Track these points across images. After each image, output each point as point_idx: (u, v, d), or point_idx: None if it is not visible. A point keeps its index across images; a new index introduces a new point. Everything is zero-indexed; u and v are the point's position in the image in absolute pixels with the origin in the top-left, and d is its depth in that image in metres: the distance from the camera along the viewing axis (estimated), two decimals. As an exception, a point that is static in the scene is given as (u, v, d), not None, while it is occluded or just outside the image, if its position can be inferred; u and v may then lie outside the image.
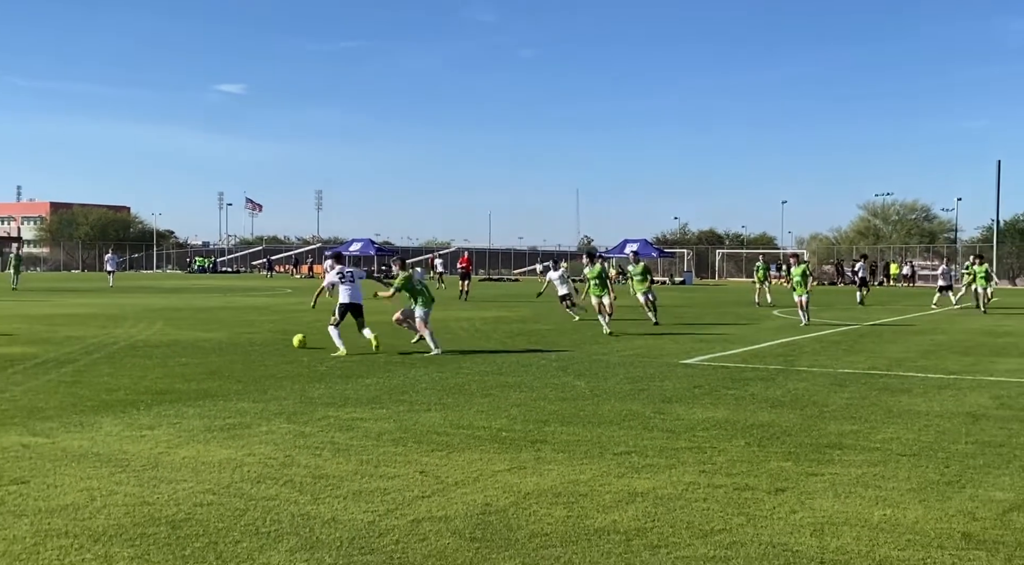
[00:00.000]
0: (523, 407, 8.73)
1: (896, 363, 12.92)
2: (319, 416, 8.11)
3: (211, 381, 10.36)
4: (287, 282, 54.90)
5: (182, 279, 62.07)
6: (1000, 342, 16.49)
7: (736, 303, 32.18)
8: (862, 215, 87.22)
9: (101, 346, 14.24)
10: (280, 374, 11.01)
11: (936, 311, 27.52)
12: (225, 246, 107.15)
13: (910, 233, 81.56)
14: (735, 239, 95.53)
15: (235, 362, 12.27)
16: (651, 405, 8.93)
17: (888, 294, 34.14)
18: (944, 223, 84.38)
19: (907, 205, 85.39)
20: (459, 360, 12.75)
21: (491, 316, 22.78)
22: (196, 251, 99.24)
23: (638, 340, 16.29)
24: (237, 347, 14.28)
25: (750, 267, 78.59)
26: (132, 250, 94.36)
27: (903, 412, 8.68)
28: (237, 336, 16.27)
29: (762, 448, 6.94)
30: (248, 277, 70.95)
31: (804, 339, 16.88)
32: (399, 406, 8.71)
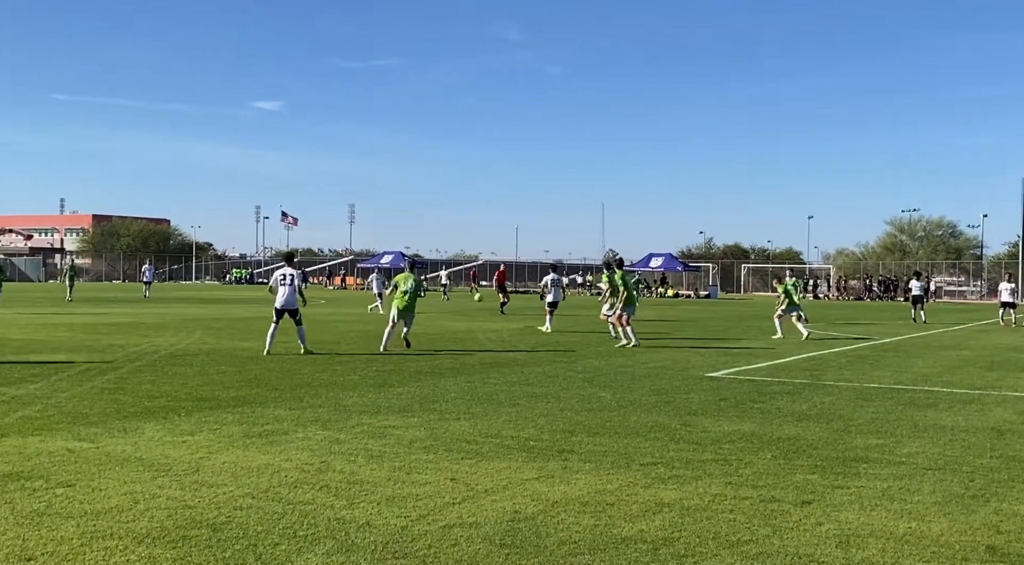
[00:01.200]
0: (550, 417, 8.75)
1: (922, 378, 12.78)
2: (353, 423, 8.18)
3: (249, 389, 10.48)
4: (321, 293, 55.31)
5: (220, 290, 62.73)
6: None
7: (761, 317, 31.93)
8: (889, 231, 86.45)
9: (143, 354, 14.45)
10: (315, 382, 11.11)
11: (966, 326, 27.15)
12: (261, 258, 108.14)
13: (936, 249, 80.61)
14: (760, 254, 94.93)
15: (271, 371, 12.39)
16: (677, 417, 8.92)
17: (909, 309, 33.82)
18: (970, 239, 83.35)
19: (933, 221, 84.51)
20: (487, 370, 12.79)
21: (518, 327, 22.81)
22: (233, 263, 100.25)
23: (664, 353, 16.24)
24: (273, 357, 14.41)
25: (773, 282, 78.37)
26: (172, 262, 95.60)
27: (929, 426, 8.60)
28: (274, 346, 16.39)
29: (788, 461, 6.91)
30: (282, 288, 71.35)
31: (830, 354, 16.75)
32: (430, 415, 8.76)
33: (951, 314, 36.53)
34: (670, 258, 66.98)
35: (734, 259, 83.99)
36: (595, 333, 20.78)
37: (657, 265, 65.18)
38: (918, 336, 22.47)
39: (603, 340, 18.91)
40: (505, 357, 14.97)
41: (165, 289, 54.42)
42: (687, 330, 23.25)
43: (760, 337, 21.04)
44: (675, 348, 17.35)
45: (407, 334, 16.20)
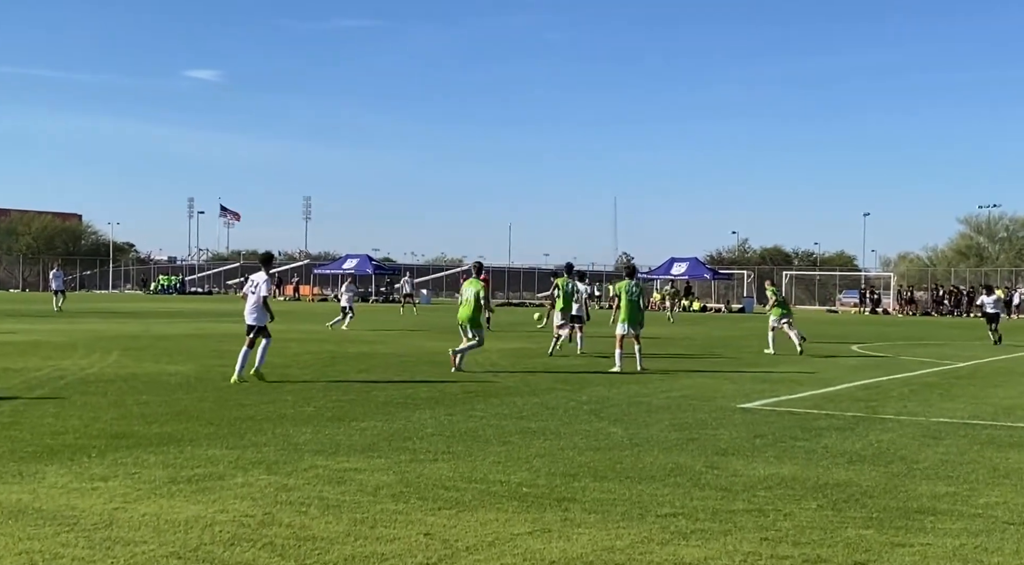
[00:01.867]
0: (548, 458, 8.74)
1: (1004, 411, 12.82)
2: (305, 466, 8.15)
3: (177, 423, 10.44)
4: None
5: (143, 301, 62.66)
6: None
7: (808, 336, 32.00)
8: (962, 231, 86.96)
9: (45, 381, 14.40)
10: (259, 415, 11.08)
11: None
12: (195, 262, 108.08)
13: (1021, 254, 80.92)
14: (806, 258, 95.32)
15: (205, 400, 12.36)
16: (702, 458, 8.92)
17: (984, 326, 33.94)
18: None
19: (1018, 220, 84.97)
20: (471, 400, 12.79)
21: (510, 348, 22.82)
22: (160, 268, 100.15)
23: (686, 379, 16.28)
24: (208, 383, 14.37)
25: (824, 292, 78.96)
26: (83, 266, 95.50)
27: (1012, 471, 8.61)
28: (208, 370, 16.38)
29: (837, 512, 6.91)
30: (222, 299, 71.45)
31: (890, 381, 16.80)
32: (400, 455, 8.75)
33: None
34: (696, 263, 67.26)
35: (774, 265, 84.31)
36: (604, 356, 20.79)
37: (680, 272, 65.37)
38: (998, 360, 22.56)
39: (612, 364, 18.91)
40: (494, 384, 14.97)
41: (75, 299, 54.34)
42: (716, 351, 23.28)
43: (804, 361, 21.08)
44: (700, 373, 17.38)
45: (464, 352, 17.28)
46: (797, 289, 79.76)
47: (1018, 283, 69.89)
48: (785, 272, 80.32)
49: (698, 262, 68.40)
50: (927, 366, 19.92)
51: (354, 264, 73.29)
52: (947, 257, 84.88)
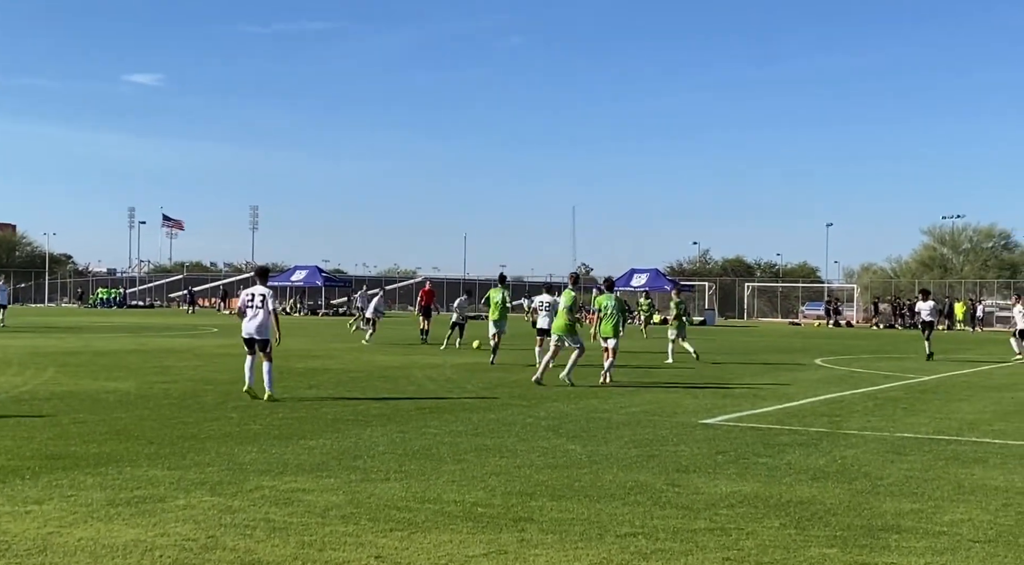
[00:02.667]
0: (504, 476, 8.73)
1: (968, 426, 13.00)
2: (251, 487, 8.08)
3: (115, 443, 10.30)
4: (213, 319, 54.78)
5: (81, 315, 61.83)
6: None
7: (770, 349, 32.36)
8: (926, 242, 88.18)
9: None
10: (202, 434, 10.97)
11: (1016, 362, 27.75)
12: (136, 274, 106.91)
13: (986, 265, 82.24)
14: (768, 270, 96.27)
15: (146, 419, 12.21)
16: (663, 475, 8.95)
17: (954, 340, 34.40)
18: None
19: (982, 230, 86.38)
20: (425, 417, 12.74)
21: (465, 362, 22.79)
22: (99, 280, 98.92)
23: (647, 394, 16.34)
24: (149, 400, 14.21)
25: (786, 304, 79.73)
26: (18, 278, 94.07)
27: (976, 487, 8.73)
28: (149, 387, 16.20)
29: (801, 531, 6.96)
30: (164, 313, 70.75)
31: (854, 395, 16.98)
32: (350, 474, 8.69)
33: (1004, 346, 37.22)
34: (656, 275, 67.62)
35: (735, 276, 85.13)
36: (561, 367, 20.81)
37: (640, 283, 65.62)
38: (961, 374, 22.89)
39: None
40: (448, 400, 14.94)
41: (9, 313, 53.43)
42: (677, 365, 23.40)
43: (767, 374, 21.26)
44: (661, 388, 17.46)
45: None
46: (759, 301, 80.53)
47: (983, 295, 71.06)
48: (747, 284, 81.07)
49: (659, 273, 68.76)
50: (891, 380, 20.16)
51: (303, 276, 72.90)
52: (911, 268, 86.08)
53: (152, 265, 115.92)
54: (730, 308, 78.65)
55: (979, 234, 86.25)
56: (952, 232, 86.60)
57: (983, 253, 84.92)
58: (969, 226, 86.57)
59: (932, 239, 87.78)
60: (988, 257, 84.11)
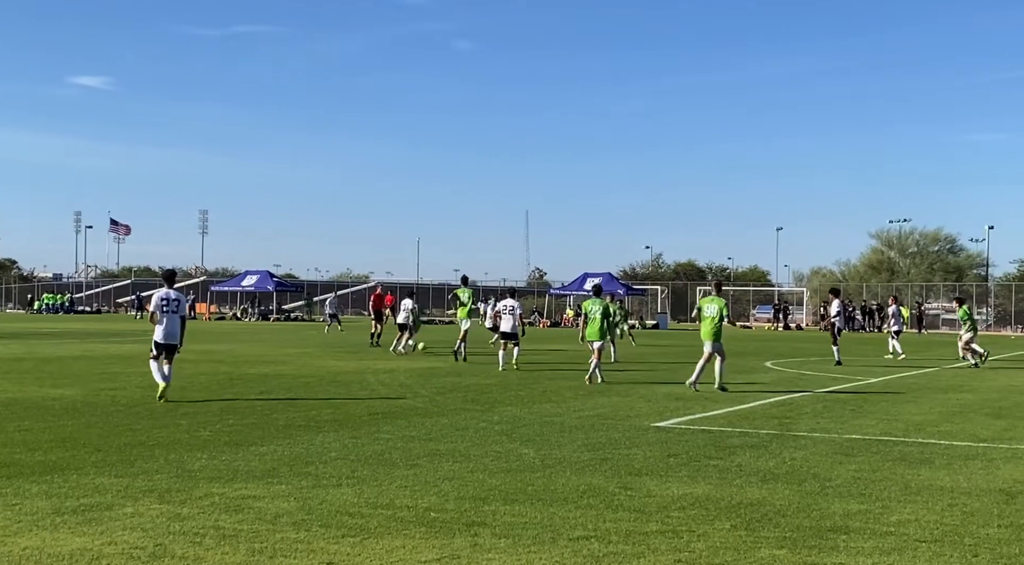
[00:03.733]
0: (457, 481, 8.73)
1: (915, 428, 13.20)
2: (200, 494, 8.01)
3: (61, 451, 10.17)
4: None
5: (26, 321, 60.89)
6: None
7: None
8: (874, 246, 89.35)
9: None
10: (151, 441, 10.85)
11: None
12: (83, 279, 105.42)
13: (932, 268, 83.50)
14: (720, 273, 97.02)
15: (93, 426, 12.06)
16: (615, 479, 8.99)
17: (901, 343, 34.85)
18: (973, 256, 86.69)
19: (928, 235, 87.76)
20: (378, 422, 12.71)
21: (419, 367, 22.74)
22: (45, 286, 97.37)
23: (600, 398, 16.40)
24: (96, 407, 14.03)
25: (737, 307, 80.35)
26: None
27: (923, 488, 8.87)
28: (96, 393, 15.99)
29: (751, 532, 7.02)
30: (112, 318, 69.83)
31: (803, 398, 17.17)
32: (302, 480, 8.65)
33: (950, 348, 37.83)
34: (609, 279, 67.88)
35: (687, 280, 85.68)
36: (514, 370, 20.84)
37: (593, 288, 65.89)
38: (909, 376, 23.23)
39: (525, 382, 19.00)
40: (401, 405, 14.90)
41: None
42: (630, 369, 23.51)
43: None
44: (614, 392, 17.53)
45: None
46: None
47: (929, 298, 72.19)
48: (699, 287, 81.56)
49: (612, 277, 69.07)
50: (839, 382, 20.40)
51: (254, 281, 72.39)
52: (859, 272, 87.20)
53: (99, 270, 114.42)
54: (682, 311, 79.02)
55: (925, 238, 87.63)
56: (899, 236, 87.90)
57: (929, 256, 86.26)
58: (916, 230, 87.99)
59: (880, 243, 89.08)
60: (934, 260, 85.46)
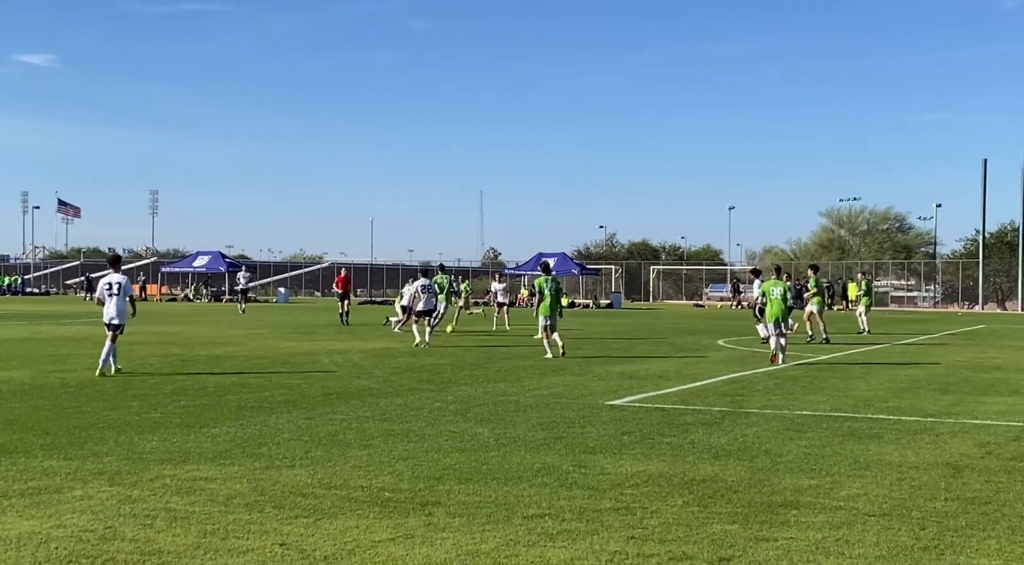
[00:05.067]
0: (411, 461, 8.72)
1: (864, 403, 13.37)
2: (151, 476, 7.94)
3: (9, 433, 10.03)
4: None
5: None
6: (987, 378, 17.25)
7: (675, 330, 32.83)
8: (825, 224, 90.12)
9: None
10: (101, 423, 10.73)
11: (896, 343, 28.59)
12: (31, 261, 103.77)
13: (882, 247, 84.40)
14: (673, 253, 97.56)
15: (41, 409, 11.90)
16: (569, 457, 9.02)
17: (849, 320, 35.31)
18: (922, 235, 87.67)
19: (878, 213, 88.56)
20: (332, 403, 12.65)
21: (373, 348, 22.67)
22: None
23: (554, 377, 16.45)
24: (45, 389, 13.84)
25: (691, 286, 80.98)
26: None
27: (872, 463, 8.98)
28: (45, 376, 15.79)
29: (703, 508, 7.08)
30: (61, 300, 68.89)
31: (755, 375, 17.32)
32: (255, 461, 8.60)
33: (899, 325, 38.39)
34: (564, 259, 68.01)
35: (641, 260, 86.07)
36: (469, 350, 20.84)
37: (548, 268, 65.90)
38: (858, 352, 23.52)
39: (480, 362, 19.01)
40: (355, 385, 14.84)
41: None
42: (584, 348, 23.59)
43: (672, 356, 21.57)
44: (569, 372, 17.59)
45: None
46: (665, 284, 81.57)
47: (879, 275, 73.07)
48: (653, 267, 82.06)
49: (566, 257, 69.16)
50: (791, 360, 20.60)
51: (206, 262, 71.64)
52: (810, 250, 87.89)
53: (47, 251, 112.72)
54: (636, 291, 79.57)
55: (875, 217, 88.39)
56: (849, 215, 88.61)
57: (879, 235, 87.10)
58: (866, 209, 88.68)
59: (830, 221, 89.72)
60: (884, 239, 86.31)
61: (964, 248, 77.31)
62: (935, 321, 44.44)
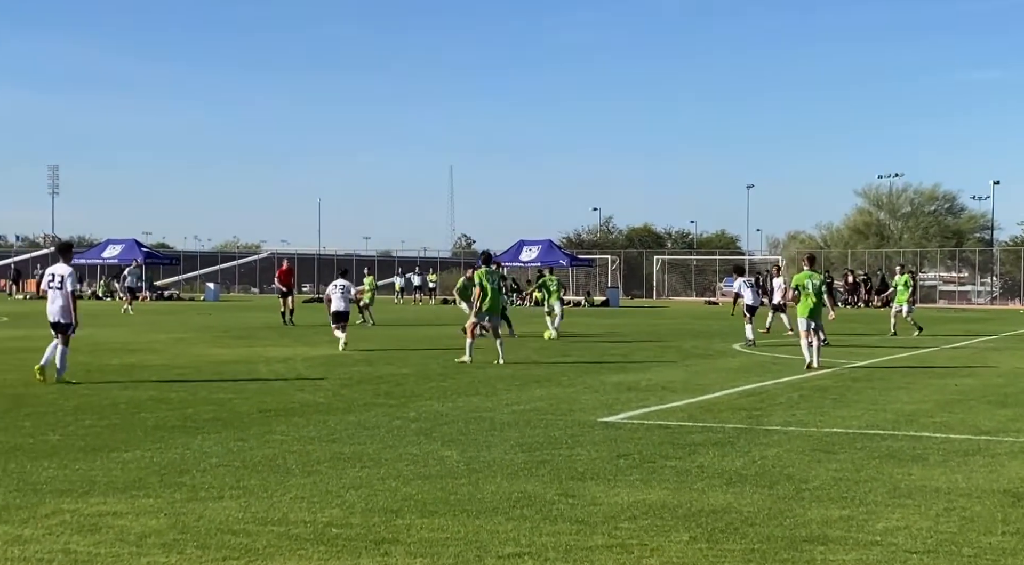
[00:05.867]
0: (365, 490, 8.71)
1: (905, 419, 13.43)
2: (47, 511, 7.90)
3: None
4: (3, 305, 53.25)
5: None
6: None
7: (682, 333, 32.91)
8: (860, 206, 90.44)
9: None
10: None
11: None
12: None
13: (928, 233, 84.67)
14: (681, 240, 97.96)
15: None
16: (555, 484, 9.02)
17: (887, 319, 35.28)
18: (976, 218, 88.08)
19: (924, 192, 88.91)
20: (270, 421, 12.63)
21: (321, 355, 22.62)
22: None
23: (538, 389, 16.45)
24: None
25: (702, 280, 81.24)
26: None
27: (914, 490, 9.01)
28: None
29: (713, 545, 7.09)
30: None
31: (776, 385, 17.37)
32: (175, 492, 8.57)
33: (948, 325, 38.59)
34: (550, 247, 68.13)
35: (643, 249, 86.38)
36: (436, 357, 20.82)
37: (531, 258, 66.07)
38: (899, 357, 23.63)
39: (448, 372, 18.99)
40: (298, 400, 14.82)
41: None
42: (573, 354, 23.60)
43: (678, 362, 21.61)
44: (555, 382, 17.59)
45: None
46: (671, 277, 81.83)
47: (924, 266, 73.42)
48: (656, 257, 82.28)
49: (552, 246, 69.25)
50: (820, 366, 20.67)
51: (118, 251, 71.30)
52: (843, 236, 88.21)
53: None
54: (637, 285, 79.81)
55: (921, 196, 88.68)
56: (890, 194, 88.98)
57: (925, 218, 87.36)
58: (909, 187, 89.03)
59: (867, 202, 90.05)
60: (931, 223, 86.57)
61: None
62: (991, 320, 44.72)
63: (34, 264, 78.19)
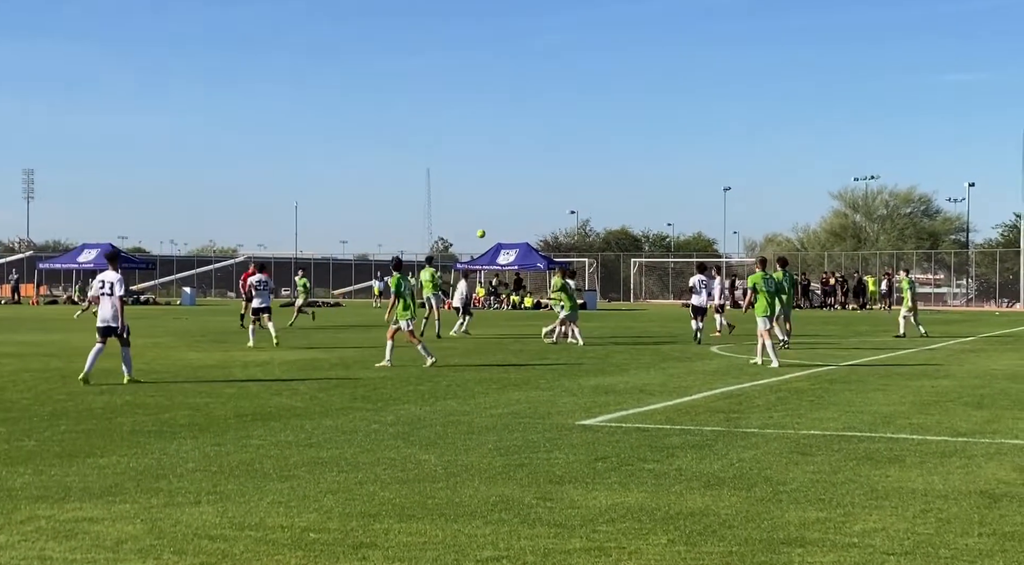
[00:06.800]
0: (342, 495, 8.70)
1: (883, 420, 13.48)
2: (22, 517, 7.87)
3: None
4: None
5: None
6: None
7: (660, 336, 32.97)
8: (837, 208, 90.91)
9: None
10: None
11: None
12: None
13: (904, 234, 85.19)
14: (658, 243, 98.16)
15: None
16: (533, 488, 9.03)
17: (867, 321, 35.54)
18: (952, 220, 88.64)
19: (899, 195, 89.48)
20: (246, 426, 12.61)
21: (297, 358, 22.58)
22: None
23: (516, 392, 16.46)
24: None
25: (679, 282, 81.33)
26: None
27: (892, 491, 9.05)
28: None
29: (691, 547, 7.11)
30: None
31: (754, 387, 17.42)
32: (151, 498, 8.55)
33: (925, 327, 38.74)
34: (527, 251, 68.18)
35: (620, 251, 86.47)
36: (414, 360, 20.82)
37: (508, 262, 66.14)
38: (876, 360, 23.72)
39: (426, 375, 18.97)
40: (275, 404, 14.79)
41: None
42: (551, 357, 23.62)
43: (656, 366, 21.65)
44: (533, 386, 17.60)
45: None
46: (648, 279, 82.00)
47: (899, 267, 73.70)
48: (634, 259, 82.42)
49: (529, 249, 69.28)
50: (797, 368, 20.74)
51: (93, 256, 70.96)
52: (820, 239, 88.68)
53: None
54: (614, 288, 79.92)
55: (896, 199, 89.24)
56: (866, 196, 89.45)
57: (900, 220, 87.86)
58: (885, 189, 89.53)
59: (843, 204, 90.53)
60: (906, 225, 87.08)
61: (1002, 236, 78.42)
62: (967, 322, 44.98)
63: (8, 269, 77.75)
